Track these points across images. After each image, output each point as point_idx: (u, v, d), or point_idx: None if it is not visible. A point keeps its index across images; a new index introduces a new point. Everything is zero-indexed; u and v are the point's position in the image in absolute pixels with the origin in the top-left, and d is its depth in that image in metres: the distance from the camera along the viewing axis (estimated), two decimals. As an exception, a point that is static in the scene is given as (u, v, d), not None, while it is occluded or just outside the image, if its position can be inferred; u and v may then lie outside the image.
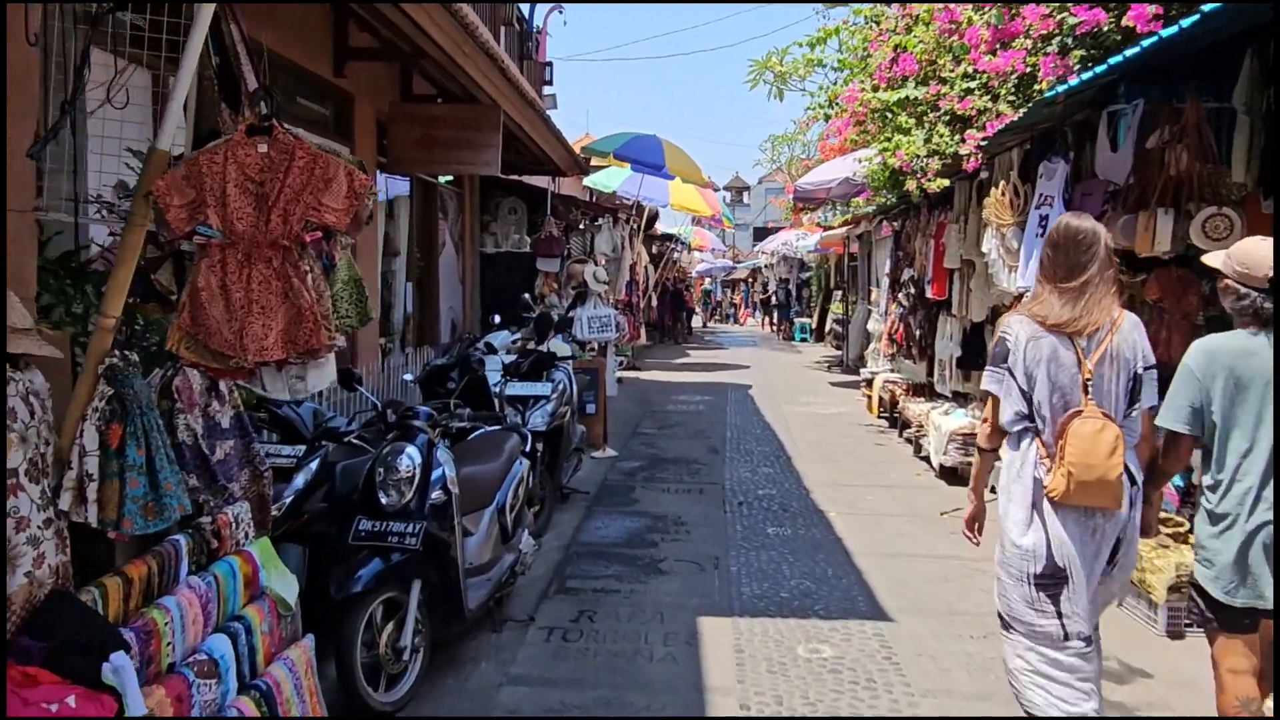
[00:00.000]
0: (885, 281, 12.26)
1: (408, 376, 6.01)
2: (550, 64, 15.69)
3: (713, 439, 9.63)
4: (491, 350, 6.24)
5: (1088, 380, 2.88)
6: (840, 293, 24.49)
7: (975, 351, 8.65)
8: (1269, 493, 2.80)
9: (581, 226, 13.86)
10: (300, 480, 3.71)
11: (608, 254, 13.63)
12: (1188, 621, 3.96)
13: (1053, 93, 5.46)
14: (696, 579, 5.23)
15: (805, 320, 27.81)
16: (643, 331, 17.18)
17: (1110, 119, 5.49)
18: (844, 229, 17.44)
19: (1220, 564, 2.87)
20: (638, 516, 6.47)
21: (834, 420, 11.08)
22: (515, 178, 13.42)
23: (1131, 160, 5.22)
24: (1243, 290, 2.89)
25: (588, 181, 16.84)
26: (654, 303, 23.15)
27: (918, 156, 7.68)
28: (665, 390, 13.93)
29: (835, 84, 9.80)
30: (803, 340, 26.79)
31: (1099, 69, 4.99)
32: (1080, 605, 2.90)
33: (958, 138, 7.30)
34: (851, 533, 6.15)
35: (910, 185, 7.96)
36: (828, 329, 24.52)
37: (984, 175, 7.40)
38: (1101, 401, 2.89)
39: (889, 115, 8.22)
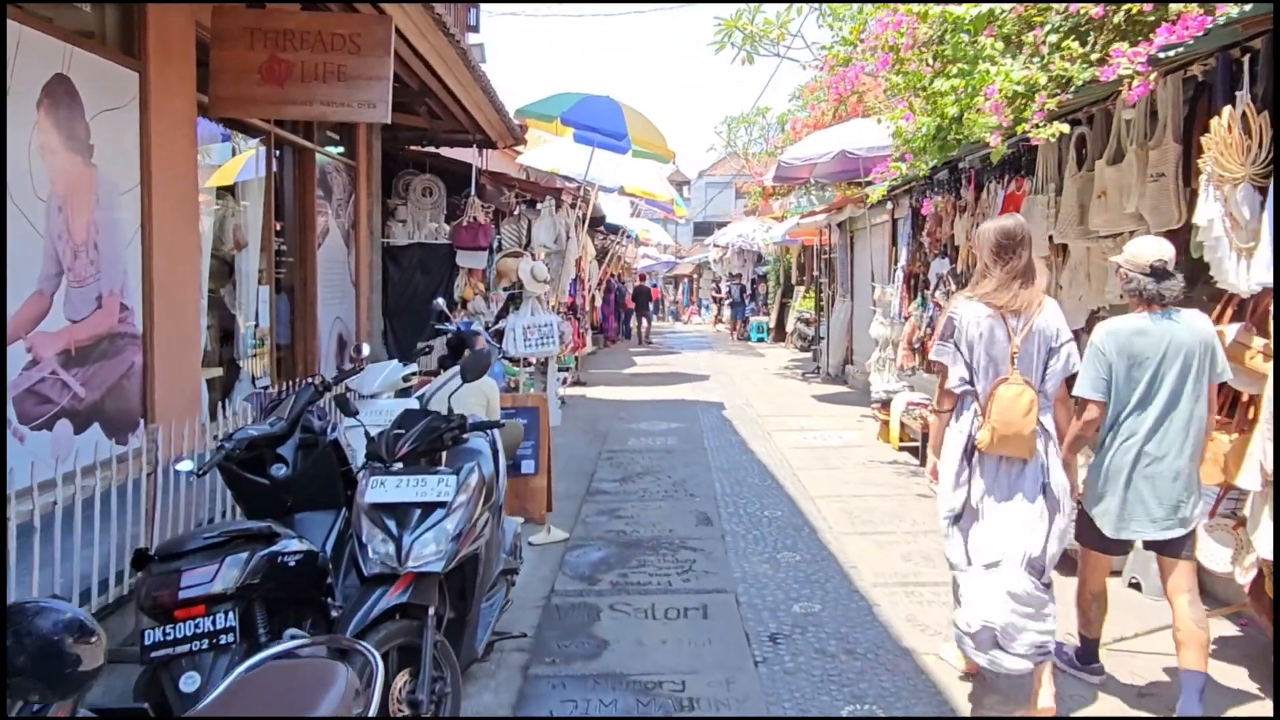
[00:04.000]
0: (899, 276, 9.80)
1: (184, 467, 3.25)
2: (476, 2, 12.77)
3: (698, 496, 7.00)
4: (345, 409, 3.48)
5: (1015, 353, 3.43)
6: (802, 289, 22.18)
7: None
8: (1150, 448, 3.45)
9: (516, 212, 11.13)
10: None
11: (549, 246, 10.92)
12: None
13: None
14: None
15: (762, 319, 25.43)
16: (588, 338, 14.53)
17: None
18: (823, 215, 15.00)
19: (1106, 504, 3.53)
20: (610, 684, 3.78)
21: (844, 455, 8.55)
22: (430, 149, 10.66)
23: None
24: (1130, 275, 3.54)
25: (525, 159, 14.11)
26: (598, 303, 20.50)
27: (1019, 94, 5.17)
28: (621, 413, 11.27)
29: (860, 12, 7.28)
30: (760, 340, 24.41)
31: None
32: (987, 537, 3.46)
33: (1095, 55, 4.82)
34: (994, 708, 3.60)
35: (990, 138, 5.43)
36: (790, 329, 22.18)
37: (1127, 117, 4.93)
38: (1024, 371, 3.44)
39: (964, 38, 5.71)
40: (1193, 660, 3.35)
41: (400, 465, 3.24)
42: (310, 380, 3.92)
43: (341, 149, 8.65)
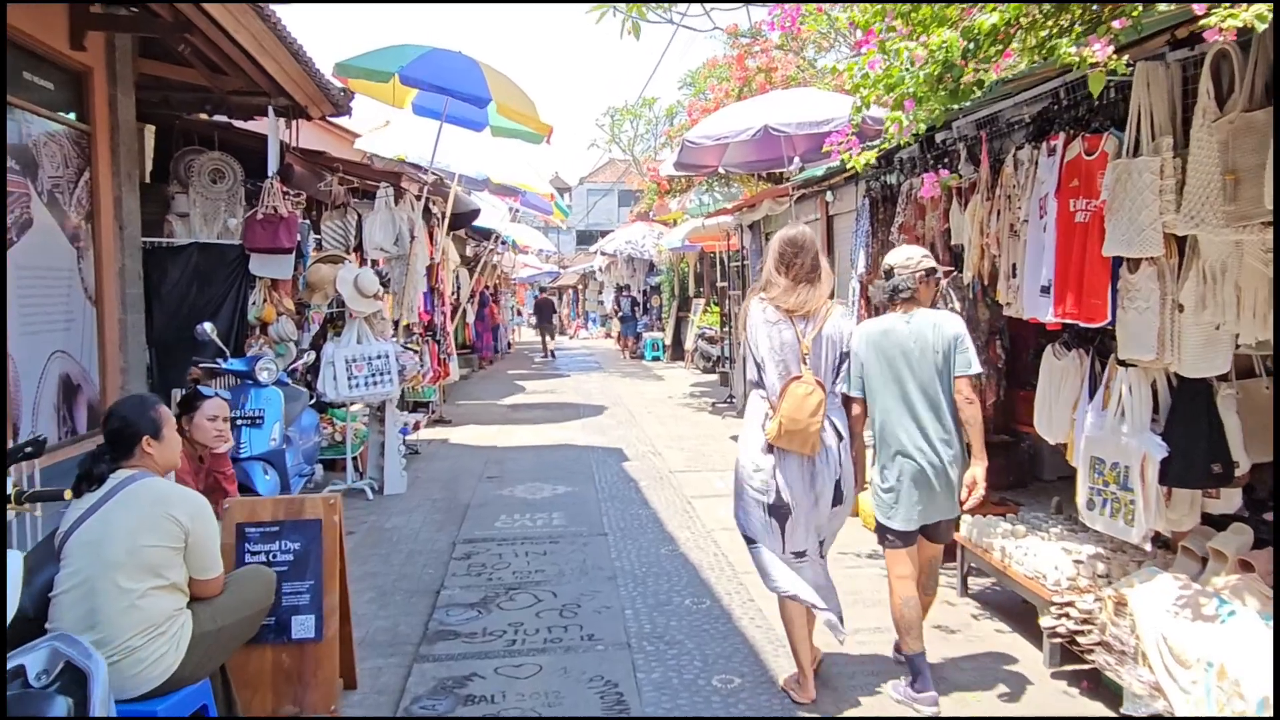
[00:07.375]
0: (855, 288, 7.47)
1: None
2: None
3: (602, 641, 4.41)
4: None
5: (805, 354, 3.62)
6: (701, 302, 19.95)
7: (1201, 447, 3.93)
8: (921, 441, 3.69)
9: (342, 203, 8.33)
10: None
11: (387, 249, 8.15)
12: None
13: None
14: None
15: (657, 335, 23.07)
16: (453, 365, 11.76)
17: None
18: (731, 215, 12.70)
19: (884, 496, 3.78)
20: None
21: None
22: (220, 118, 7.76)
23: None
24: (882, 283, 3.92)
25: (365, 144, 11.29)
26: (469, 319, 17.73)
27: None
28: (492, 469, 8.58)
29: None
30: (656, 359, 22.04)
31: None
32: (799, 530, 3.66)
33: None
34: None
35: (1095, 50, 3.14)
36: (690, 346, 19.88)
37: None
38: (816, 371, 3.62)
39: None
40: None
41: None
42: None
43: (73, 113, 5.77)
